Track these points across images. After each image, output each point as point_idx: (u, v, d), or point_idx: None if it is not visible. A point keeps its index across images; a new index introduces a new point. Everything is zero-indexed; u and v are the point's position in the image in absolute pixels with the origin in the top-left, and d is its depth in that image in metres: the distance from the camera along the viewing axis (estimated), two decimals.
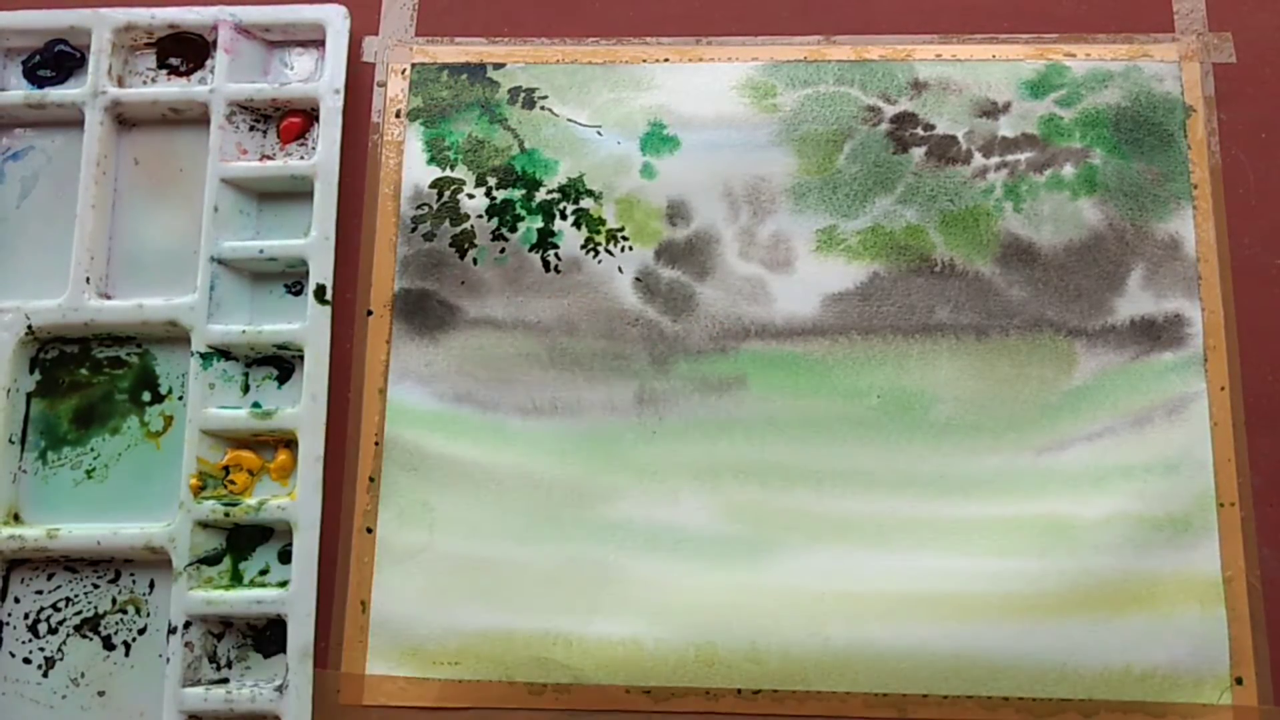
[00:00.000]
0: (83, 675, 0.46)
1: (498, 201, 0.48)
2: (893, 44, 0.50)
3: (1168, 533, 0.44)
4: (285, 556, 0.46)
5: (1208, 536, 0.44)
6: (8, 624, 0.46)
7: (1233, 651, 0.43)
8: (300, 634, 0.44)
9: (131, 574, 0.47)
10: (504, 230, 0.48)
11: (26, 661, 0.46)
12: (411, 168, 0.49)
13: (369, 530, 0.46)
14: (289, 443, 0.47)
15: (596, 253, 0.48)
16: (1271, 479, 0.45)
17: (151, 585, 0.46)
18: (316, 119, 0.50)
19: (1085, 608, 0.44)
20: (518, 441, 0.46)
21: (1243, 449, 0.45)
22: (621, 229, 0.48)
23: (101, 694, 0.45)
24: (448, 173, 0.49)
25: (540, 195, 0.48)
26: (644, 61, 0.50)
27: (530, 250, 0.48)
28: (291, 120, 0.50)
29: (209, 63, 0.51)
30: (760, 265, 0.47)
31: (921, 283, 0.47)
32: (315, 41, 0.51)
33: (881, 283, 0.47)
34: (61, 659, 0.46)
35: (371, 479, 0.46)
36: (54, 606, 0.46)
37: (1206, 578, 0.44)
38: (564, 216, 0.48)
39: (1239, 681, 0.43)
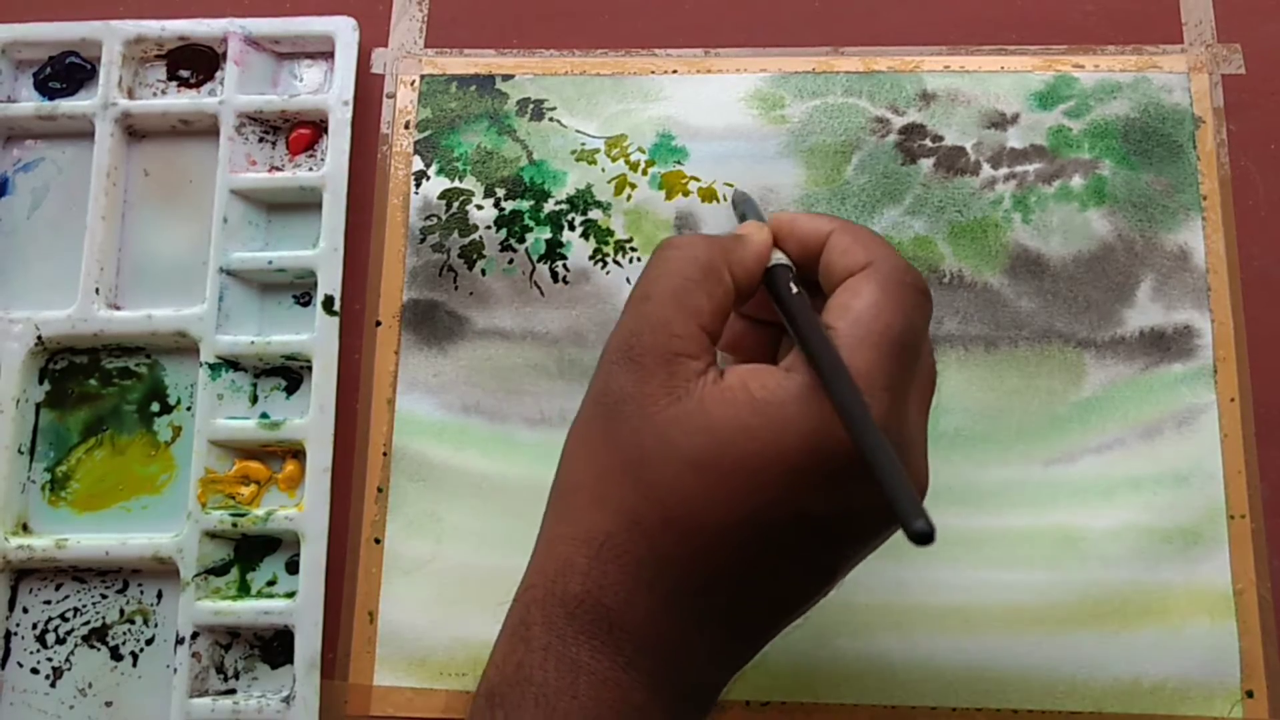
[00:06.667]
0: (90, 686, 0.46)
1: (506, 212, 0.48)
2: (901, 55, 0.50)
3: (1177, 545, 0.44)
4: (293, 567, 0.46)
5: (1218, 549, 0.44)
6: (16, 634, 0.46)
7: (1243, 665, 0.43)
8: (307, 645, 0.44)
9: (139, 584, 0.47)
10: (512, 241, 0.48)
11: (34, 672, 0.46)
12: (420, 179, 0.49)
13: (377, 541, 0.46)
14: (297, 453, 0.47)
15: (605, 264, 0.48)
16: None
17: (159, 595, 0.46)
18: (325, 130, 0.50)
19: (1095, 620, 0.43)
20: (526, 452, 0.46)
21: (1253, 461, 0.45)
22: (630, 240, 0.48)
23: (109, 704, 0.45)
24: (456, 184, 0.49)
25: (549, 206, 0.48)
26: (652, 73, 0.50)
27: (539, 261, 0.48)
28: (301, 132, 0.50)
29: (219, 74, 0.51)
30: None
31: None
32: (324, 53, 0.51)
33: None
34: (69, 669, 0.46)
35: (380, 489, 0.46)
36: (62, 617, 0.46)
37: (1217, 590, 0.44)
38: (572, 227, 0.48)
39: (1250, 695, 0.43)
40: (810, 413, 0.29)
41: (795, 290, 0.32)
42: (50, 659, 0.46)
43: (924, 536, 0.25)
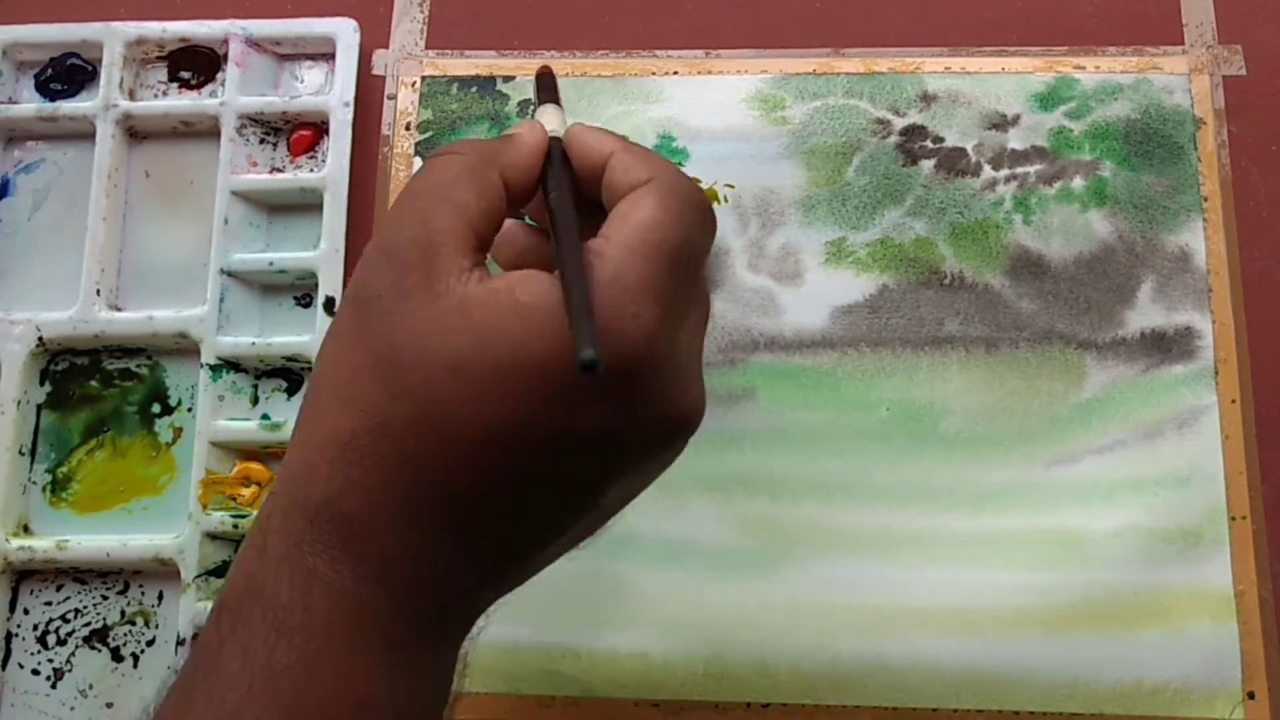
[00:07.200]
0: (91, 687, 0.46)
1: None
2: (902, 56, 0.50)
3: (1179, 546, 0.44)
4: None
5: (1219, 550, 0.44)
6: (17, 635, 0.46)
7: (1245, 666, 0.43)
8: None
9: (140, 586, 0.47)
10: None
11: (35, 673, 0.46)
12: None
13: None
14: None
15: None
16: None
17: (160, 597, 0.46)
18: (326, 132, 0.50)
19: (1096, 622, 0.43)
20: None
21: (1254, 462, 0.45)
22: None
23: (110, 705, 0.45)
24: None
25: None
26: (653, 74, 0.50)
27: None
28: (302, 133, 0.50)
29: (220, 76, 0.51)
30: (769, 277, 0.47)
31: (931, 295, 0.47)
32: (325, 55, 0.51)
33: (891, 295, 0.47)
34: (70, 670, 0.46)
35: None
36: (63, 618, 0.46)
37: (1218, 591, 0.44)
38: None
39: (1251, 696, 0.43)
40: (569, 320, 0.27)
41: (557, 195, 0.31)
42: (51, 660, 0.46)
43: (590, 364, 0.24)
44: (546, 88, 0.36)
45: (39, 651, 0.46)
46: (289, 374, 0.48)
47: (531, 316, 0.27)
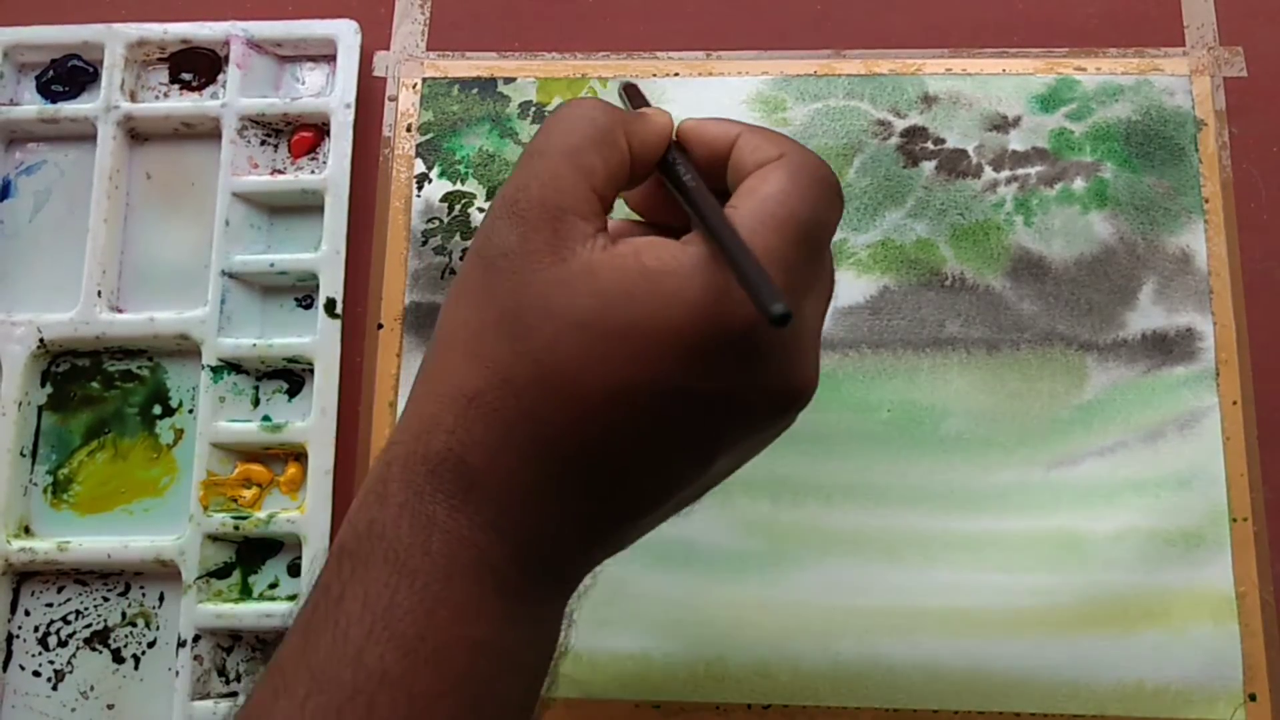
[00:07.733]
0: (92, 688, 0.46)
1: None
2: (903, 58, 0.50)
3: (1180, 548, 0.44)
4: (295, 570, 0.46)
5: (1220, 552, 0.44)
6: (18, 637, 0.46)
7: (1246, 668, 0.43)
8: None
9: (141, 587, 0.47)
10: None
11: (36, 675, 0.46)
12: (422, 182, 0.49)
13: None
14: (299, 456, 0.47)
15: None
16: None
17: (161, 598, 0.46)
18: (327, 133, 0.50)
19: (1097, 623, 0.43)
20: None
21: (1255, 464, 0.45)
22: None
23: (111, 707, 0.45)
24: (458, 186, 0.49)
25: None
26: (654, 76, 0.50)
27: None
28: (303, 135, 0.50)
29: (221, 77, 0.51)
30: None
31: (932, 296, 0.47)
32: (327, 56, 0.51)
33: (892, 296, 0.47)
34: (71, 672, 0.46)
35: None
36: (64, 619, 0.46)
37: (1219, 593, 0.44)
38: None
39: (1252, 698, 0.43)
40: (702, 286, 0.28)
41: (690, 175, 0.32)
42: (52, 661, 0.46)
43: (784, 316, 0.25)
44: (636, 97, 0.37)
45: (40, 653, 0.46)
46: (290, 375, 0.48)
47: (659, 280, 0.28)
